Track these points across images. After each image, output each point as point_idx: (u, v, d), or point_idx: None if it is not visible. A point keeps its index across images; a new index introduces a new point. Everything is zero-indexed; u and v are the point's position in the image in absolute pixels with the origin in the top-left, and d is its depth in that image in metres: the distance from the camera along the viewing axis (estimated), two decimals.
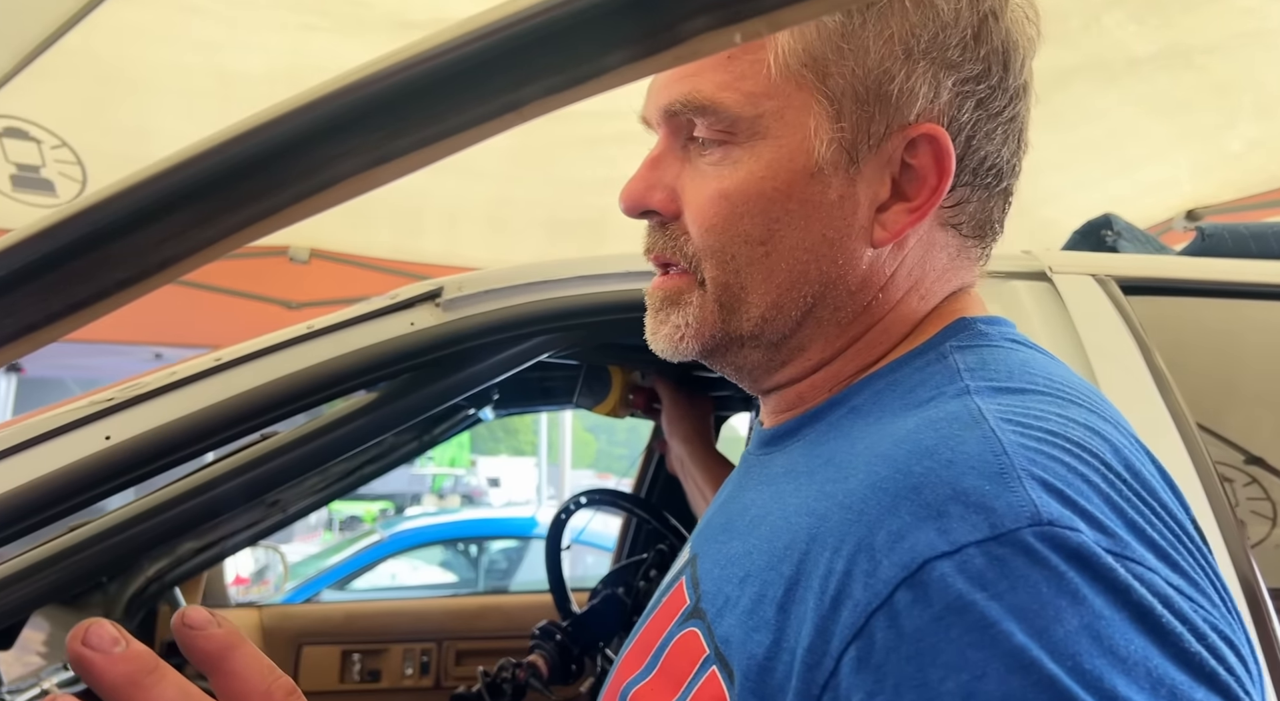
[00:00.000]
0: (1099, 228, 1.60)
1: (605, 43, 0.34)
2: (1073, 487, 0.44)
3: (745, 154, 0.58)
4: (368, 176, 0.39)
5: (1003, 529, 0.42)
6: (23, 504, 0.75)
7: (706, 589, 0.58)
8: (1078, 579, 0.41)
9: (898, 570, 0.43)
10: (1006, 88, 0.60)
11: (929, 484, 0.45)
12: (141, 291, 0.43)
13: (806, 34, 0.57)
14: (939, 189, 0.58)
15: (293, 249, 3.43)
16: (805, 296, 0.60)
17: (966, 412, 0.49)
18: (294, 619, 2.61)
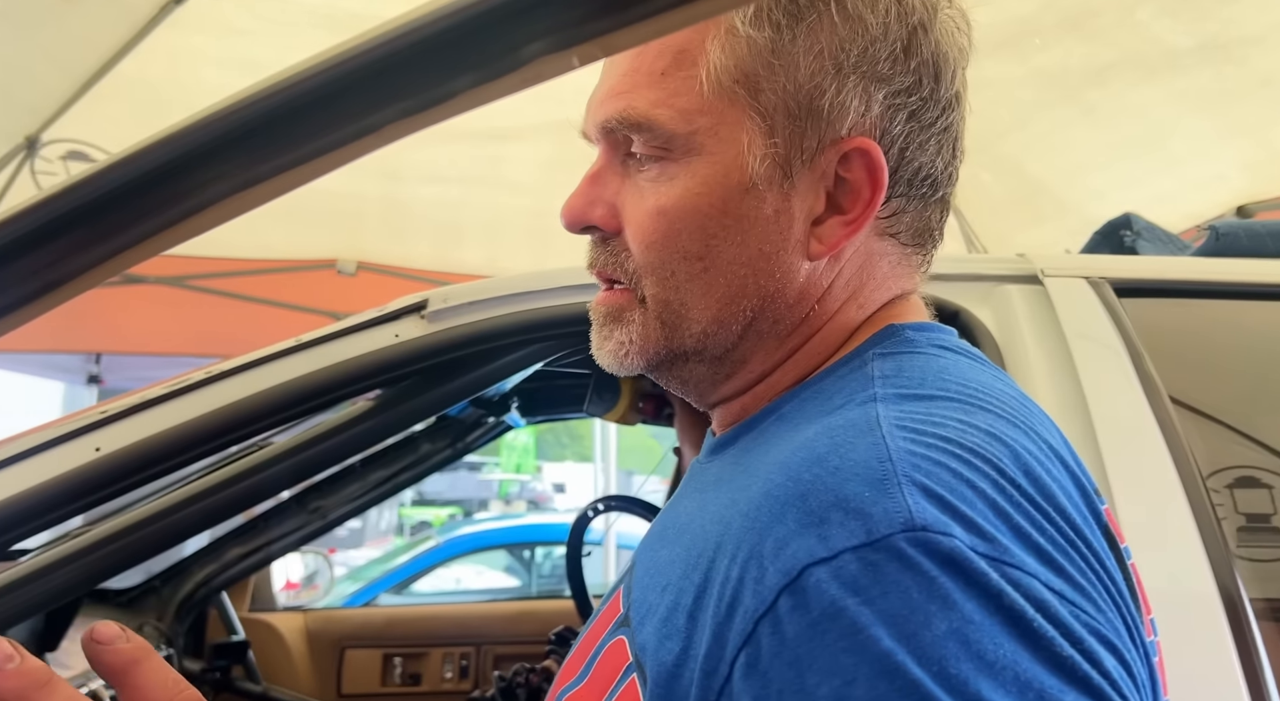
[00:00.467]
0: (1118, 228, 1.56)
1: (451, 68, 0.36)
2: (955, 493, 0.44)
3: (680, 170, 0.59)
4: (235, 201, 0.42)
5: (877, 534, 0.42)
6: (13, 513, 0.80)
7: (635, 597, 0.59)
8: (949, 583, 0.41)
9: (780, 577, 0.43)
10: (938, 99, 0.60)
11: (814, 491, 0.45)
12: (16, 322, 0.45)
13: (738, 50, 0.57)
14: (873, 201, 0.58)
15: (340, 262, 3.54)
16: (745, 310, 0.60)
17: (864, 419, 0.49)
18: (337, 623, 2.67)
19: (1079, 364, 0.99)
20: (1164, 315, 1.10)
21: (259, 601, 2.64)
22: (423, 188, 3.57)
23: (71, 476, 0.84)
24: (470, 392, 1.14)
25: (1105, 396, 0.97)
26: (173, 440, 0.88)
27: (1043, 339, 1.03)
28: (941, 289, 1.10)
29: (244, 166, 0.40)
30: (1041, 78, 2.84)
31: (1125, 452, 0.95)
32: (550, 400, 1.81)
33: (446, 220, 3.60)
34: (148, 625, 2.30)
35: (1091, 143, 2.85)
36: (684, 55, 0.58)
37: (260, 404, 0.93)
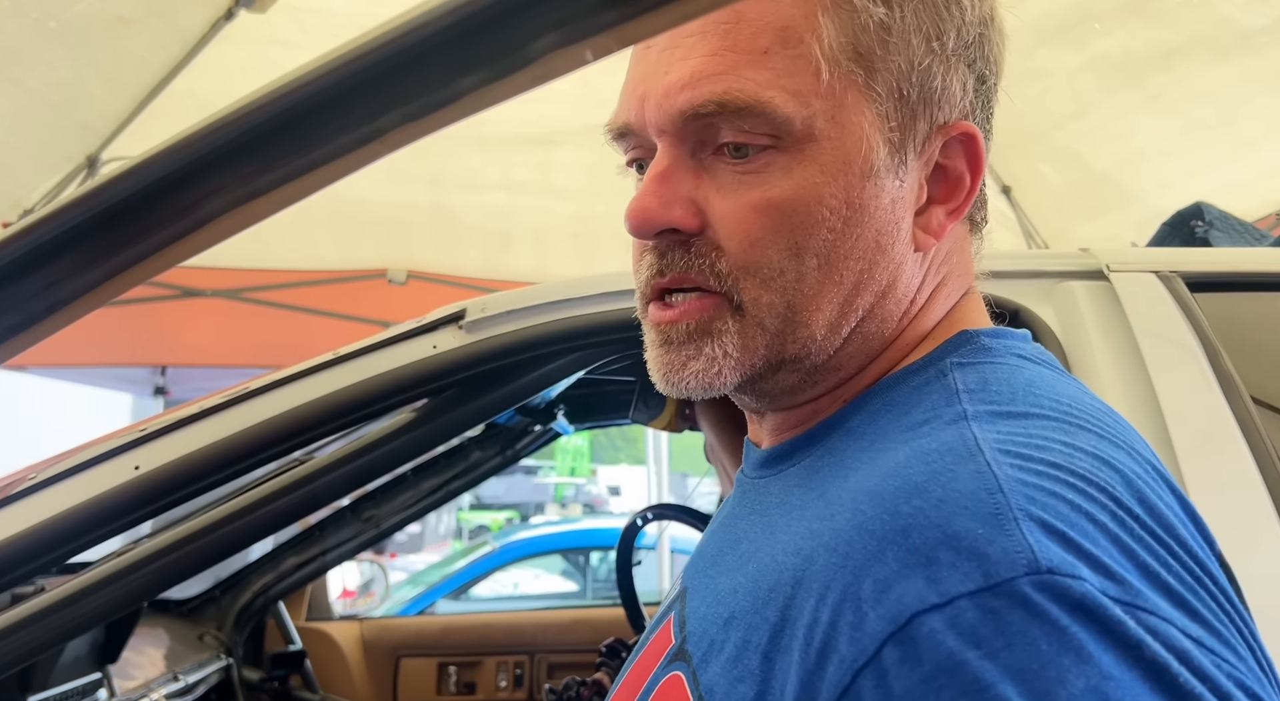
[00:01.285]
0: (1188, 218, 1.49)
1: (458, 66, 0.33)
2: (1076, 528, 0.40)
3: (794, 159, 0.53)
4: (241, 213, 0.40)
5: (997, 578, 0.38)
6: (55, 534, 0.79)
7: (692, 629, 0.55)
8: (1082, 633, 0.36)
9: (885, 624, 0.39)
10: (996, 88, 0.59)
11: (917, 526, 0.41)
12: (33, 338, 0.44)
13: (853, 25, 0.53)
14: (974, 188, 0.56)
15: (391, 271, 3.57)
16: (860, 309, 0.56)
17: (961, 443, 0.45)
18: (392, 632, 2.69)
19: (1150, 363, 0.93)
20: (1242, 310, 1.04)
21: (316, 610, 2.67)
22: (470, 195, 3.58)
23: (111, 495, 0.84)
24: (513, 402, 1.12)
25: (1180, 397, 0.91)
26: (210, 457, 0.87)
27: (1110, 338, 0.97)
28: (999, 287, 1.04)
29: (244, 179, 0.38)
30: (1102, 64, 2.74)
31: (1204, 457, 0.89)
32: (597, 407, 1.79)
33: (495, 227, 3.61)
34: (208, 634, 2.34)
35: (1156, 129, 2.74)
36: (788, 32, 0.52)
37: (297, 419, 0.92)
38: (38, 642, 0.93)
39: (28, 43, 2.54)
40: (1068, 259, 1.07)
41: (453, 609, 5.23)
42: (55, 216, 0.39)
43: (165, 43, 2.79)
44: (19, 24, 2.47)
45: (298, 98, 0.35)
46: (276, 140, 0.36)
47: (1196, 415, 0.90)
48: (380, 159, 0.37)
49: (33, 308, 0.40)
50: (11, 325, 0.40)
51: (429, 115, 0.35)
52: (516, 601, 6.04)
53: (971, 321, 0.60)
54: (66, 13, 2.53)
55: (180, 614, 2.37)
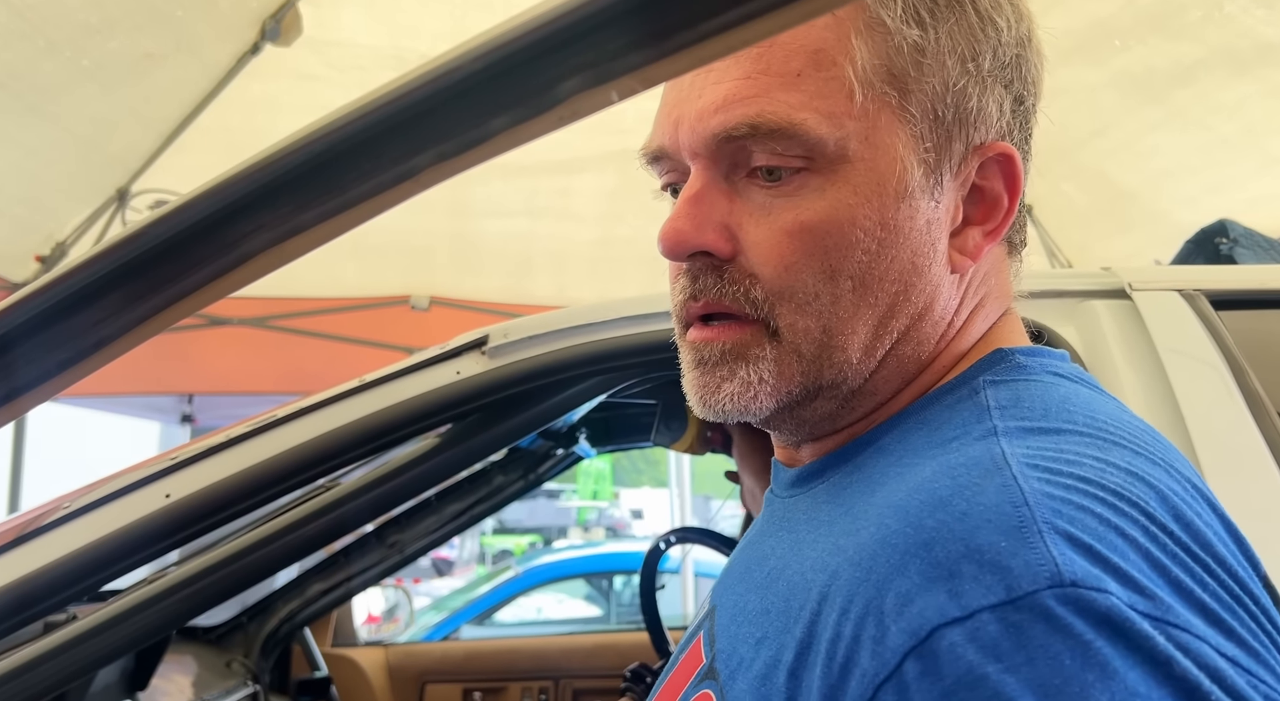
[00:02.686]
0: (1213, 235, 1.48)
1: (489, 108, 0.34)
2: (1104, 542, 0.39)
3: (827, 181, 0.53)
4: (280, 250, 0.41)
5: (1020, 591, 0.37)
6: (89, 562, 0.81)
7: (722, 647, 0.55)
8: (1107, 648, 0.36)
9: (906, 638, 0.39)
10: (1035, 109, 0.59)
11: (940, 539, 0.40)
12: (81, 373, 0.45)
13: (887, 48, 0.53)
14: (1011, 209, 0.56)
15: (414, 297, 3.60)
16: (895, 332, 0.55)
17: (989, 457, 0.45)
18: (417, 657, 2.68)
19: (1175, 382, 0.92)
20: (1268, 327, 1.02)
21: (341, 636, 2.68)
22: (491, 222, 3.62)
23: (143, 523, 0.85)
24: (535, 426, 1.13)
25: (1206, 416, 0.90)
26: (239, 484, 0.88)
27: (1133, 357, 0.96)
28: (1022, 306, 1.04)
29: (284, 217, 0.39)
30: (1124, 80, 2.74)
31: (1232, 476, 0.88)
32: (619, 430, 1.79)
33: (516, 253, 3.64)
34: (235, 661, 2.34)
35: (1180, 146, 2.72)
36: (821, 55, 0.52)
37: (324, 446, 0.93)
38: (70, 671, 0.94)
39: (62, 80, 2.60)
40: (1090, 278, 1.06)
41: (477, 634, 5.22)
42: (103, 256, 0.41)
43: (193, 77, 2.85)
44: (54, 63, 2.54)
45: (335, 139, 0.36)
46: (314, 180, 0.37)
47: (1223, 434, 0.89)
48: (414, 196, 0.38)
49: (82, 343, 0.42)
50: (62, 360, 0.42)
51: (461, 154, 0.36)
52: (540, 626, 6.01)
53: (1008, 341, 0.59)
54: (99, 50, 2.59)
55: (208, 641, 2.38)
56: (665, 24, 0.31)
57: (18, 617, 0.83)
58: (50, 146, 2.84)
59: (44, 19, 2.41)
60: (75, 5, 2.42)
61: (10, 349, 0.43)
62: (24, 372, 0.44)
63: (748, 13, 0.30)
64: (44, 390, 0.45)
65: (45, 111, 2.68)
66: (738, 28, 0.31)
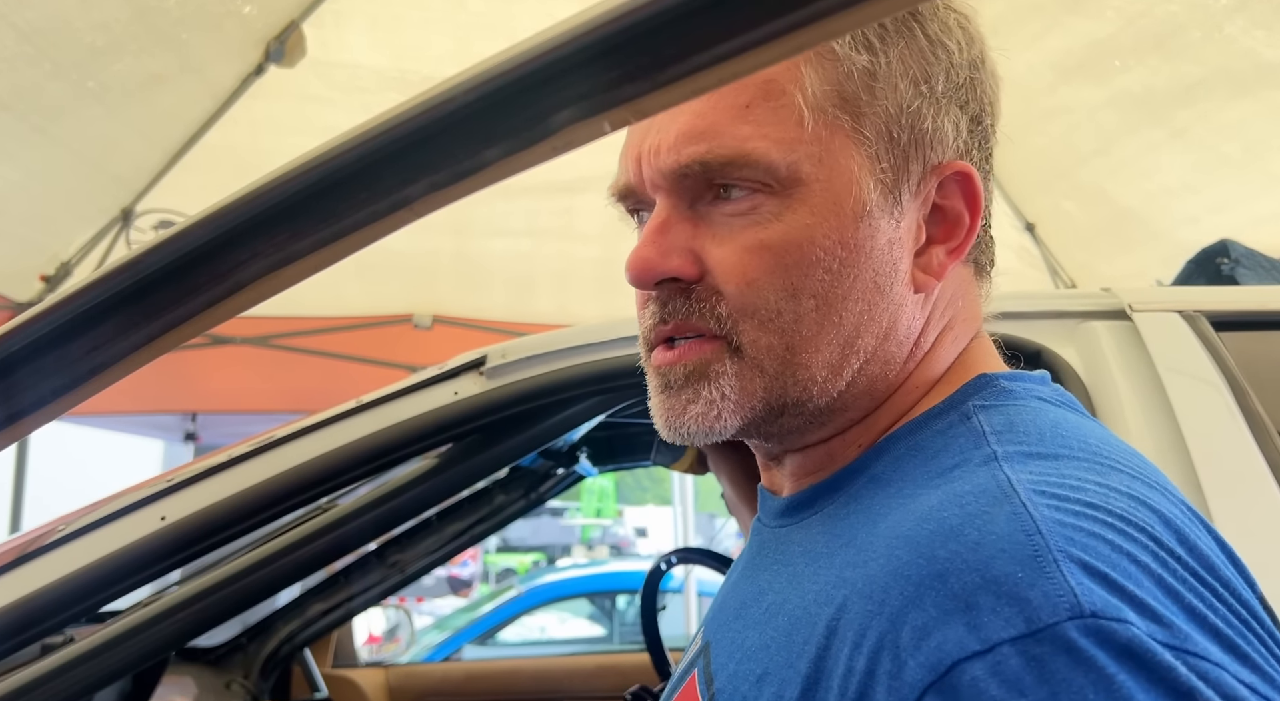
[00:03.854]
0: (1214, 255, 1.48)
1: (482, 138, 0.35)
2: (1119, 570, 0.39)
3: (783, 203, 0.54)
4: (275, 278, 0.41)
5: (1040, 623, 0.37)
6: (84, 585, 0.80)
7: (721, 686, 0.54)
8: (1130, 682, 0.35)
9: (925, 672, 0.38)
10: (993, 129, 0.59)
11: (955, 570, 0.40)
12: (76, 399, 0.46)
13: (836, 74, 0.54)
14: (973, 227, 0.56)
15: (416, 316, 3.61)
16: (862, 351, 0.56)
17: (995, 485, 0.45)
18: (418, 679, 2.67)
19: (1175, 404, 0.92)
20: (1270, 349, 1.02)
21: (341, 657, 2.66)
22: (494, 241, 3.63)
23: (138, 546, 0.85)
24: (535, 446, 1.13)
25: (1207, 438, 0.89)
26: (235, 507, 0.88)
27: (1134, 378, 0.96)
28: (1021, 327, 1.04)
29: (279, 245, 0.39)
30: (1124, 100, 2.75)
31: (1233, 498, 0.88)
32: (620, 449, 1.79)
33: (518, 272, 3.65)
34: (234, 682, 2.33)
35: (1181, 165, 2.73)
36: (771, 85, 0.54)
37: (321, 468, 0.93)
38: (67, 694, 0.94)
39: (68, 102, 2.62)
40: (1090, 298, 1.06)
41: (479, 654, 5.19)
42: (98, 284, 0.41)
43: (198, 98, 2.87)
44: (60, 85, 2.56)
45: (330, 168, 0.36)
46: (309, 208, 0.38)
47: (1224, 456, 0.89)
48: (407, 225, 0.39)
49: (77, 371, 0.42)
50: (57, 387, 0.42)
51: (454, 184, 0.36)
52: (543, 646, 5.98)
53: (986, 365, 0.59)
54: (104, 72, 2.61)
55: (207, 662, 2.37)
56: (658, 56, 0.31)
57: (12, 641, 0.82)
58: (55, 167, 2.85)
59: (50, 42, 2.44)
60: (82, 28, 2.44)
61: (5, 375, 0.43)
62: (18, 399, 0.44)
63: (739, 46, 0.30)
64: (38, 417, 0.45)
65: (51, 132, 2.70)
66: (729, 60, 0.31)
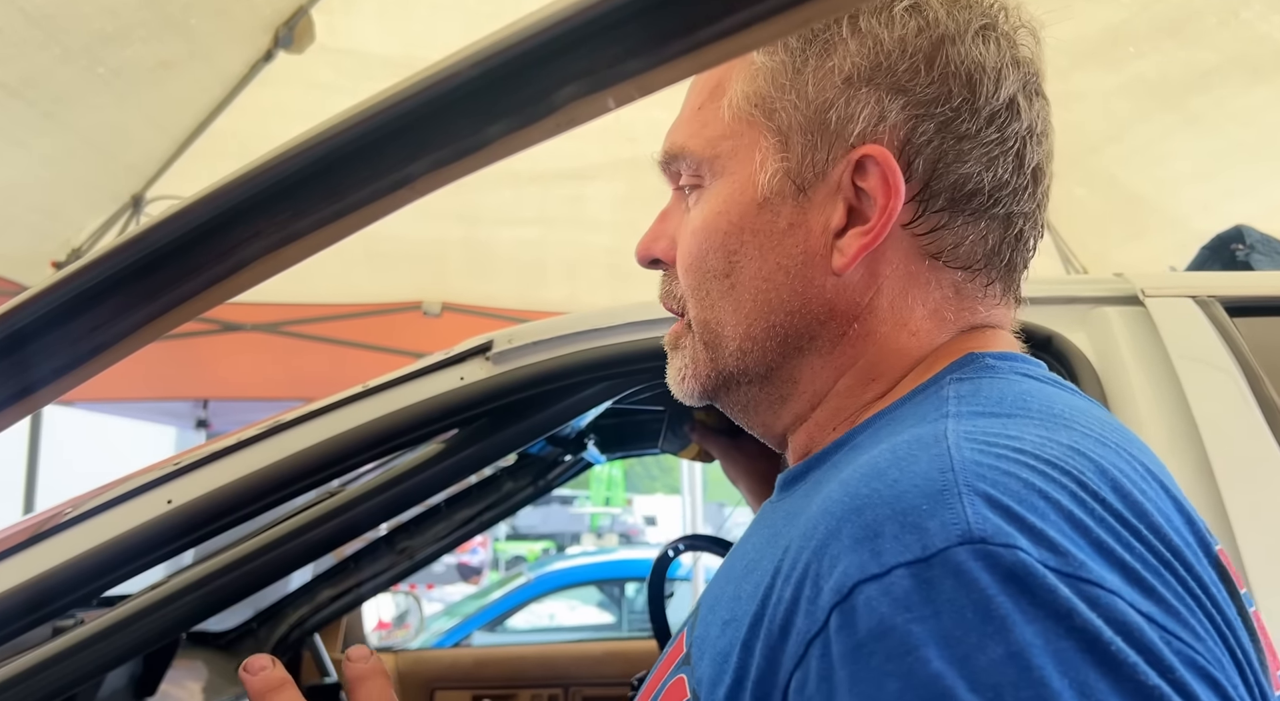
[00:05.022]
0: (1228, 241, 1.46)
1: (485, 115, 0.34)
2: (1025, 503, 0.41)
3: (708, 194, 0.62)
4: (277, 257, 0.41)
5: (933, 549, 0.39)
6: (89, 568, 0.81)
7: (698, 634, 0.58)
8: (1008, 603, 0.37)
9: (832, 595, 0.41)
10: (978, 109, 0.58)
11: (871, 504, 0.43)
12: (79, 378, 0.45)
13: (757, 78, 0.60)
14: (889, 207, 0.56)
15: (426, 304, 3.61)
16: (773, 325, 0.61)
17: (931, 434, 0.47)
18: (427, 664, 2.68)
19: (1188, 390, 0.91)
20: None
21: (351, 642, 2.67)
22: (503, 229, 3.62)
23: (144, 529, 0.85)
24: (541, 432, 1.12)
25: (1220, 424, 0.88)
26: (241, 490, 0.88)
27: (1146, 364, 0.95)
28: (1031, 313, 1.03)
29: (281, 224, 0.39)
30: (1138, 86, 2.72)
31: (1247, 486, 0.87)
32: (628, 437, 1.78)
33: (528, 259, 3.65)
34: None
35: (1195, 152, 2.70)
36: (717, 89, 0.62)
37: (326, 452, 0.93)
38: (78, 674, 0.94)
39: (78, 89, 2.63)
40: (1101, 284, 1.05)
41: (488, 641, 5.22)
42: (99, 262, 0.41)
43: (207, 85, 2.87)
44: (70, 71, 2.56)
45: (332, 146, 0.36)
46: (311, 187, 0.37)
47: (1238, 442, 0.88)
48: (410, 204, 0.38)
49: (78, 350, 0.42)
50: (58, 367, 0.42)
51: (457, 161, 0.36)
52: (552, 633, 6.01)
53: (986, 348, 0.60)
54: (115, 59, 2.61)
55: (218, 646, 2.38)
56: (662, 31, 0.30)
57: (20, 622, 0.83)
58: (66, 154, 2.86)
59: (61, 28, 2.44)
60: (92, 14, 2.44)
61: (10, 353, 0.43)
62: (21, 377, 0.44)
63: (743, 20, 0.30)
64: (43, 395, 0.45)
65: (61, 119, 2.71)
66: (734, 35, 0.30)
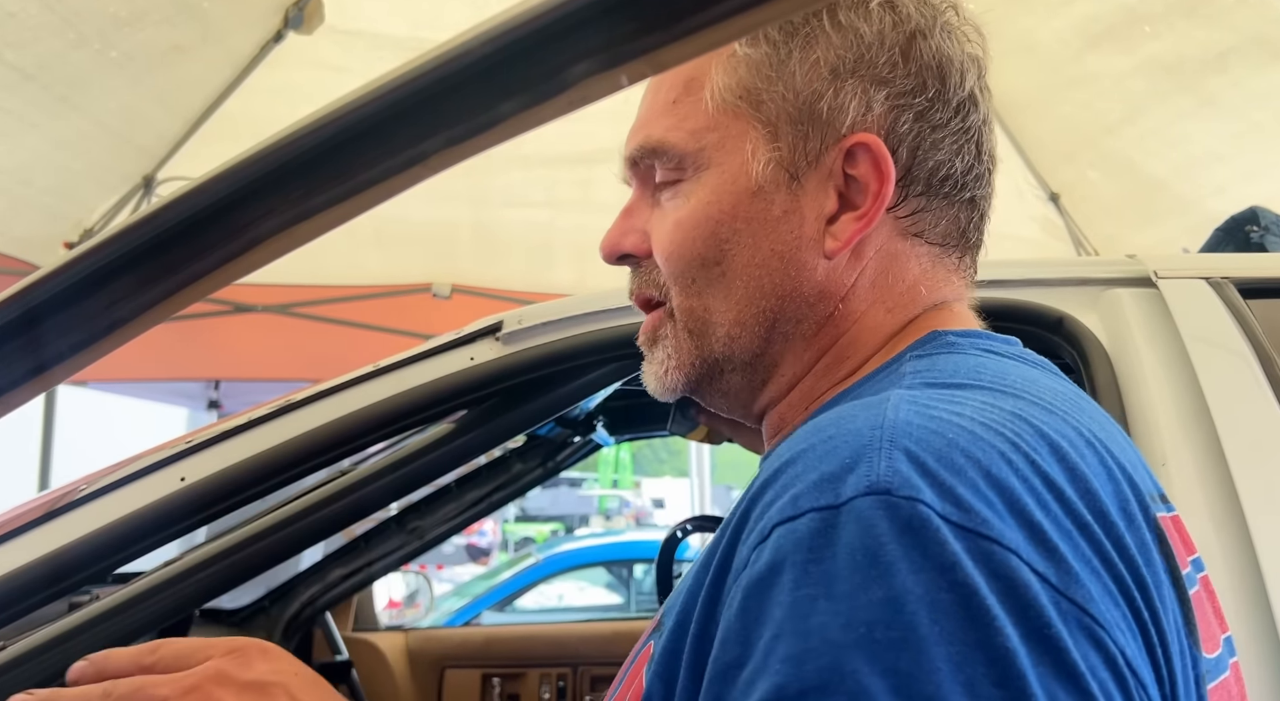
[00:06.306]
0: (1243, 223, 1.45)
1: (497, 92, 0.34)
2: (941, 459, 0.42)
3: (693, 185, 0.62)
4: (289, 235, 0.41)
5: (844, 497, 0.41)
6: (104, 544, 0.82)
7: (669, 603, 0.59)
8: (896, 550, 0.39)
9: (757, 537, 0.44)
10: (947, 100, 0.62)
11: (804, 456, 0.45)
12: (95, 355, 0.46)
13: (739, 70, 0.61)
14: (881, 193, 0.59)
15: (435, 286, 3.62)
16: (764, 310, 0.62)
17: (876, 399, 0.49)
18: (437, 642, 2.70)
19: (1201, 372, 0.91)
20: None
21: (362, 621, 2.70)
22: (513, 211, 3.62)
23: (158, 506, 0.86)
24: (550, 413, 1.13)
25: (1233, 406, 0.88)
26: (253, 469, 0.89)
27: (1158, 346, 0.95)
28: (1043, 295, 1.02)
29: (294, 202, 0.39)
30: (1153, 67, 2.69)
31: (1259, 467, 0.86)
32: (636, 418, 1.79)
33: (537, 242, 3.65)
34: None
35: (1211, 134, 2.67)
36: (693, 82, 0.62)
37: (338, 431, 0.93)
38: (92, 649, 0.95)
39: (91, 72, 2.63)
40: (1114, 266, 1.04)
41: (498, 620, 5.25)
42: (116, 239, 0.41)
43: (218, 67, 2.87)
44: (83, 55, 2.56)
45: (344, 124, 0.36)
46: (324, 165, 0.37)
47: (1250, 424, 0.87)
48: (423, 181, 0.38)
49: (95, 326, 0.42)
50: (75, 342, 0.43)
51: (470, 139, 0.36)
52: (561, 613, 6.05)
53: (948, 326, 0.62)
54: (127, 42, 2.61)
55: (231, 623, 2.41)
56: (676, 7, 0.30)
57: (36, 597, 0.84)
58: (79, 136, 2.87)
59: (74, 12, 2.44)
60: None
61: (26, 331, 0.44)
62: (40, 353, 0.44)
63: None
64: (58, 372, 0.45)
65: (74, 102, 2.71)
66: (746, 11, 0.30)
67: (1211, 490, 0.85)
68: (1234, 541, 0.82)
